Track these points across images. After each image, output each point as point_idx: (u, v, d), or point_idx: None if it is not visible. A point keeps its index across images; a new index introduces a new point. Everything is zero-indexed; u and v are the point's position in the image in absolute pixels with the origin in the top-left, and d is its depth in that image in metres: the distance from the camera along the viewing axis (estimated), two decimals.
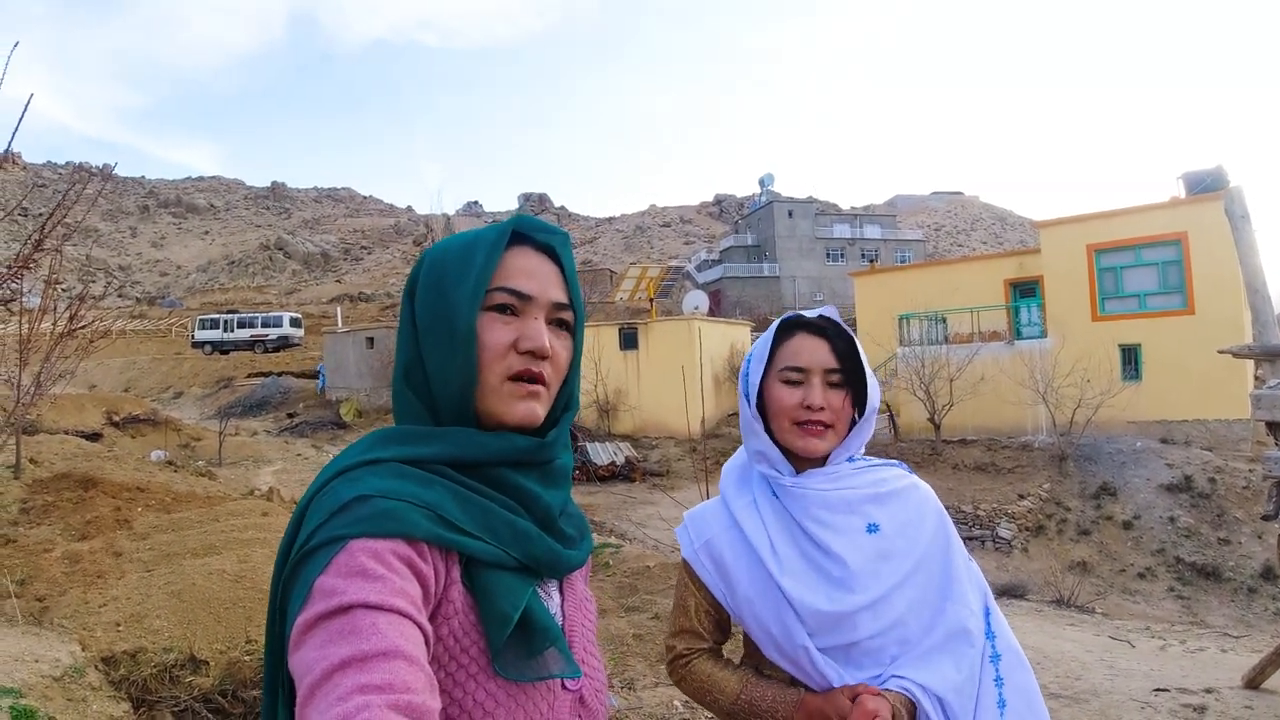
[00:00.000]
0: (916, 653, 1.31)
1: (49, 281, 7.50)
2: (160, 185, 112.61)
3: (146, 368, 37.79)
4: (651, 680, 4.75)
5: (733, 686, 1.39)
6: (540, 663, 0.86)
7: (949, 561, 1.37)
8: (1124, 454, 16.93)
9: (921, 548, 1.36)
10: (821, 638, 1.31)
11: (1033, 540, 15.33)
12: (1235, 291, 17.32)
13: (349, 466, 0.87)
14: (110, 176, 11.57)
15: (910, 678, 1.28)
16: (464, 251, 0.96)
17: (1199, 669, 5.90)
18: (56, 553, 5.71)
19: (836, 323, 1.42)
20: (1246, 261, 4.75)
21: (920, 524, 1.38)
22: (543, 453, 0.95)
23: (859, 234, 57.74)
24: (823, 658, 1.31)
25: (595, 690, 0.98)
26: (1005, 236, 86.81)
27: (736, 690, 1.38)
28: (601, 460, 19.51)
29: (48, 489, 7.68)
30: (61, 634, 4.18)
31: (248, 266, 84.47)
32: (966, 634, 1.31)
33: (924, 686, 1.27)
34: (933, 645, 1.31)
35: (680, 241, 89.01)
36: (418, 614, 0.76)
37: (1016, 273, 21.42)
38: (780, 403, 1.39)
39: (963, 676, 1.29)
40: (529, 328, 0.94)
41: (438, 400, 0.93)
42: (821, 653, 1.31)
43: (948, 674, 1.28)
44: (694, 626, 1.46)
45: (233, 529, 6.37)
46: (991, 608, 1.40)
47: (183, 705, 3.47)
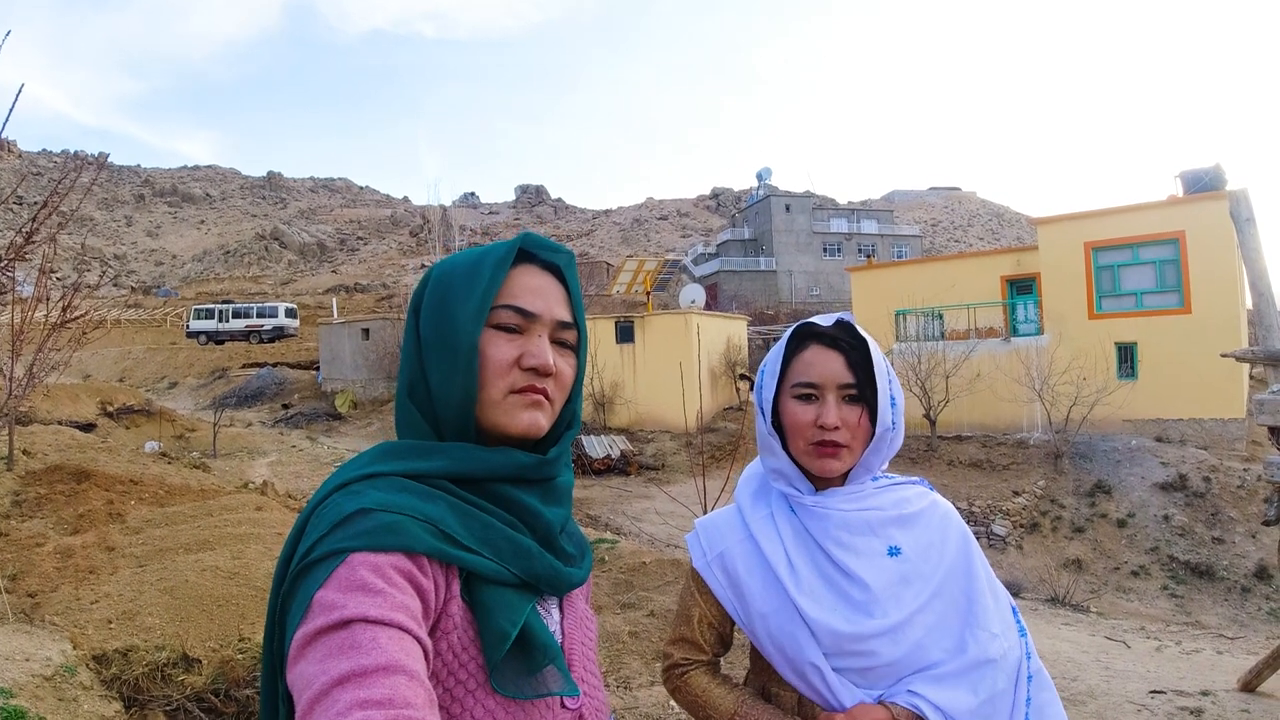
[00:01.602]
0: (934, 674, 1.27)
1: (43, 271, 7.45)
2: (156, 174, 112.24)
3: (141, 358, 37.74)
4: (647, 679, 4.74)
5: (728, 705, 1.36)
6: (539, 680, 0.87)
7: (971, 586, 1.33)
8: (1119, 452, 16.98)
9: (943, 571, 1.32)
10: (837, 659, 1.28)
11: (1027, 537, 15.37)
12: (1232, 291, 17.39)
13: (350, 480, 0.88)
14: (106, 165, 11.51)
15: (923, 694, 1.24)
16: (470, 269, 0.97)
17: (1195, 671, 5.90)
18: (48, 547, 5.68)
19: (853, 331, 1.36)
20: (1251, 264, 4.72)
21: (943, 547, 1.34)
22: (544, 469, 0.96)
23: (856, 229, 57.79)
24: (836, 677, 1.28)
25: (595, 709, 0.98)
26: (1002, 233, 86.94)
27: (731, 710, 1.35)
28: (597, 454, 19.54)
29: (40, 481, 7.64)
30: (53, 632, 4.15)
31: (243, 256, 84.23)
32: (989, 662, 1.27)
33: (937, 705, 1.23)
34: (951, 670, 1.27)
35: (677, 235, 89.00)
36: (418, 629, 0.76)
37: (1013, 270, 21.46)
38: (795, 420, 1.34)
39: (979, 700, 1.25)
40: (533, 345, 0.95)
41: (440, 415, 0.94)
42: (836, 672, 1.28)
43: (962, 697, 1.25)
44: (695, 637, 1.43)
45: (226, 524, 6.35)
46: (1023, 626, 1.37)
47: (175, 705, 3.44)
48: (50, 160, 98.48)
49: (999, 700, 1.27)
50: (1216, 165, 19.32)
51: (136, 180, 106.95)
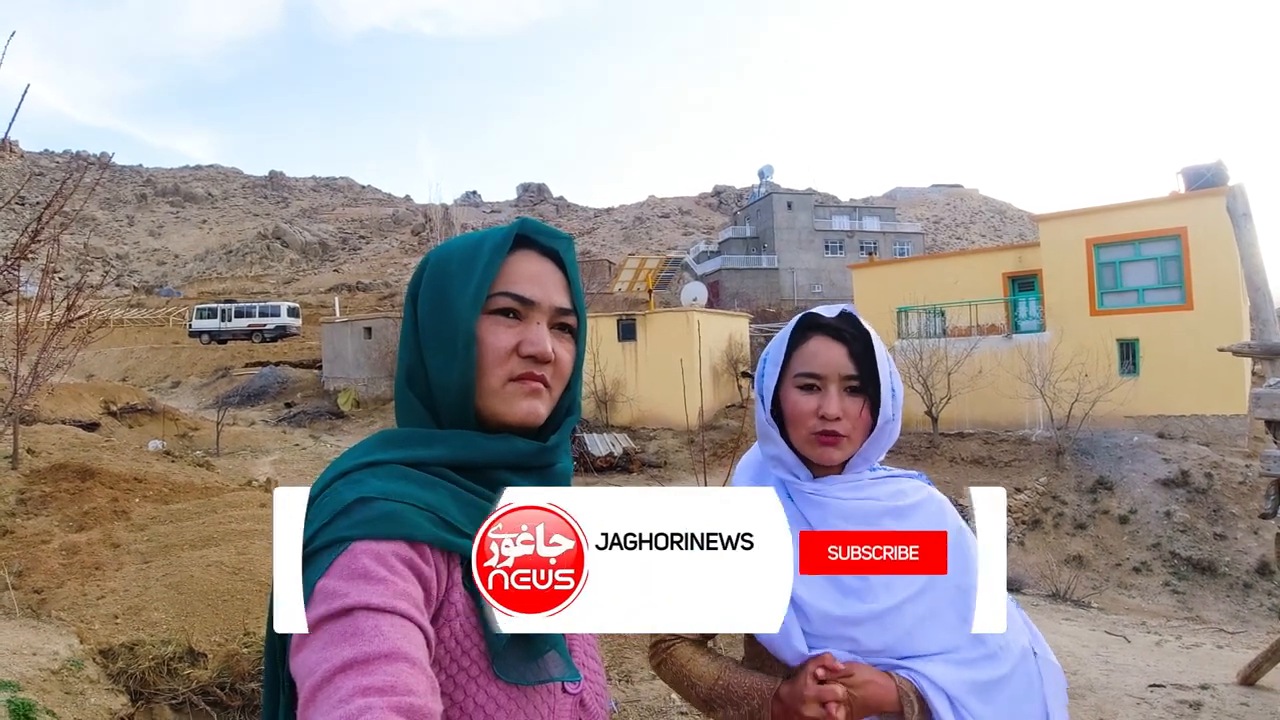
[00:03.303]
0: (930, 658, 1.27)
1: (46, 271, 7.46)
2: (158, 174, 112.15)
3: (144, 357, 37.73)
4: (649, 673, 4.76)
5: (711, 673, 1.36)
6: (540, 666, 0.87)
7: (966, 580, 1.30)
8: (1121, 448, 16.96)
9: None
10: (826, 642, 1.28)
11: (1029, 534, 15.37)
12: (1234, 287, 17.32)
13: (351, 469, 0.87)
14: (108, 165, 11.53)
15: (921, 670, 1.25)
16: (467, 255, 0.96)
17: (1195, 665, 5.92)
18: (54, 544, 5.71)
19: (856, 323, 1.37)
20: (1248, 259, 4.74)
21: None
22: (543, 456, 0.96)
23: (858, 226, 57.72)
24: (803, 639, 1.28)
25: (596, 694, 0.99)
26: (1004, 230, 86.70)
27: (714, 677, 1.35)
28: (599, 451, 19.53)
29: (45, 479, 7.67)
30: (59, 626, 4.18)
31: (245, 256, 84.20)
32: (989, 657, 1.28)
33: (933, 680, 1.24)
34: (947, 655, 1.28)
35: (679, 232, 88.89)
36: (420, 616, 0.76)
37: (1015, 266, 21.40)
38: (796, 410, 1.35)
39: (983, 679, 1.26)
40: (531, 332, 0.94)
41: (439, 402, 0.94)
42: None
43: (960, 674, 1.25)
44: None
45: (230, 520, 6.37)
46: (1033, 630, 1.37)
47: (181, 698, 3.48)
48: (53, 160, 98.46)
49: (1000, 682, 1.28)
50: (1218, 161, 19.25)
51: (138, 180, 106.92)
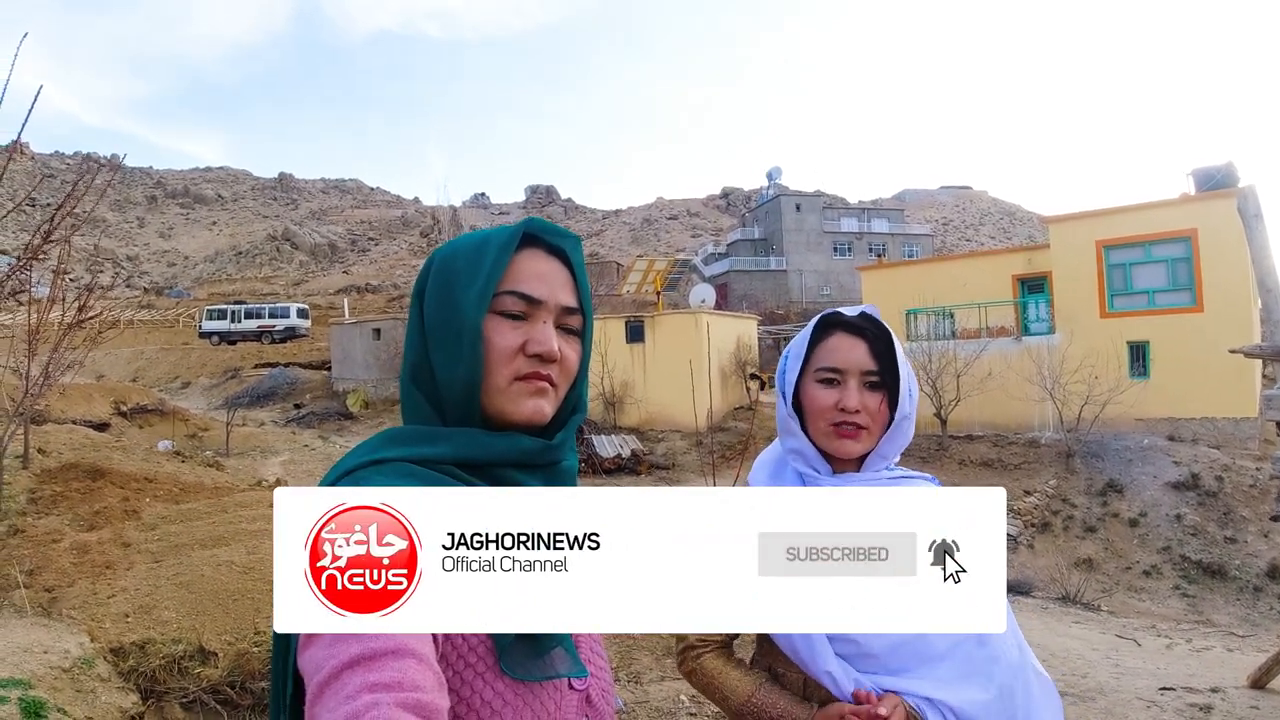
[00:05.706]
0: (937, 672, 1.28)
1: (57, 272, 7.51)
2: (168, 176, 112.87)
3: (154, 358, 37.88)
4: (658, 674, 4.76)
5: (745, 688, 1.37)
6: (547, 662, 0.87)
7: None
8: (1131, 451, 16.87)
9: None
10: (832, 643, 1.29)
11: (1039, 537, 15.30)
12: (1244, 289, 17.23)
13: (356, 466, 0.87)
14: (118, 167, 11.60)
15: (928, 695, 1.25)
16: (473, 253, 0.96)
17: (1205, 668, 5.89)
18: (65, 543, 5.73)
19: (876, 321, 1.42)
20: (1259, 260, 4.71)
21: None
22: (548, 455, 0.95)
23: (867, 228, 57.60)
24: (838, 662, 1.29)
25: (602, 690, 0.98)
26: (1014, 232, 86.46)
27: (748, 693, 1.37)
28: (607, 453, 19.52)
29: (56, 479, 7.71)
30: (70, 625, 4.20)
31: (255, 257, 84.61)
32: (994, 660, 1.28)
33: (931, 700, 1.25)
34: (953, 669, 1.28)
35: (687, 234, 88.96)
36: None
37: (1025, 268, 21.32)
38: (816, 403, 1.38)
39: (989, 696, 1.27)
40: (537, 331, 0.94)
41: (445, 400, 0.94)
42: (838, 658, 1.30)
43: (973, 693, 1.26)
44: None
45: (241, 520, 6.39)
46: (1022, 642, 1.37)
47: (191, 697, 3.49)
48: (63, 162, 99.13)
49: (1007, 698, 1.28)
50: (1229, 163, 19.16)
51: (148, 182, 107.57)
